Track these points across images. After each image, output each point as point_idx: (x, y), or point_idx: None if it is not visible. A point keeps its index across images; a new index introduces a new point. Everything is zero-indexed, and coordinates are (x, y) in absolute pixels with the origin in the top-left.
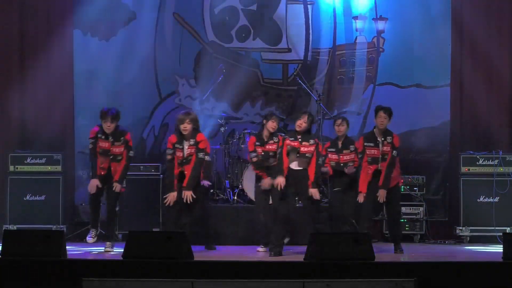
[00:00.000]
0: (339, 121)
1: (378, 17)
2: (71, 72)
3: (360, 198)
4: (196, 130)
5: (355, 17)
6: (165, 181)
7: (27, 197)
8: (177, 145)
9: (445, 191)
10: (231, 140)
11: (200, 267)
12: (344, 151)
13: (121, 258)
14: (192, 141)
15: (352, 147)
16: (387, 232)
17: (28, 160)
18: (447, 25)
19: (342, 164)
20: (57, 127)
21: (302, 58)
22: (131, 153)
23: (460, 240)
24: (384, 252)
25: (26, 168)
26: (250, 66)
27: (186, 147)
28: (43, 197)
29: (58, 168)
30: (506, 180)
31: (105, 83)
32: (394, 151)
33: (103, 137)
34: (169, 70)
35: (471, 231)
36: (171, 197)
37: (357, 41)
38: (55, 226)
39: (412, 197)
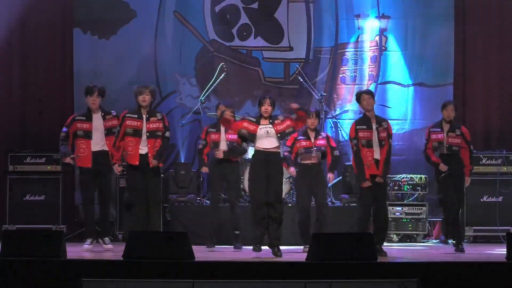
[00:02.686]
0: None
1: (380, 15)
2: (71, 70)
3: (366, 184)
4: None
5: (358, 16)
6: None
7: (27, 197)
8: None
9: None
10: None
11: (201, 267)
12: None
13: (121, 258)
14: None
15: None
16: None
17: (28, 160)
18: (450, 23)
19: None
20: (57, 126)
21: (304, 57)
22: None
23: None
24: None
25: (25, 168)
26: (251, 64)
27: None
28: (42, 197)
29: (58, 167)
30: (510, 179)
31: (105, 82)
32: (390, 139)
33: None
34: (170, 68)
35: (475, 230)
36: None
37: (359, 39)
38: (54, 226)
39: (415, 197)
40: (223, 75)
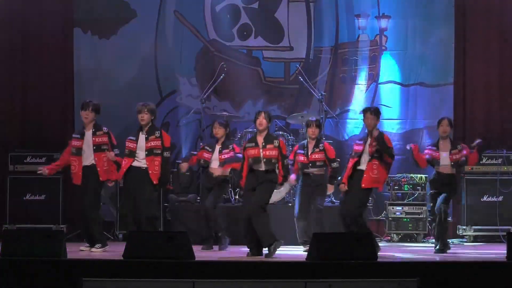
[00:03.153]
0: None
1: (380, 15)
2: (71, 70)
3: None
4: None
5: (358, 15)
6: None
7: (27, 197)
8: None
9: None
10: (233, 139)
11: (201, 267)
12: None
13: (122, 258)
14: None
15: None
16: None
17: (28, 160)
18: (450, 23)
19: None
20: (57, 126)
21: (304, 57)
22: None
23: (463, 239)
24: (386, 252)
25: (26, 168)
26: (251, 64)
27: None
28: (43, 197)
29: None
30: (510, 179)
31: (106, 82)
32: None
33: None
34: (170, 68)
35: (475, 230)
36: None
37: (359, 39)
38: (55, 226)
39: (415, 197)
40: (223, 75)
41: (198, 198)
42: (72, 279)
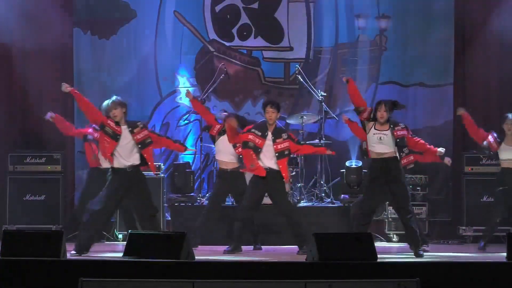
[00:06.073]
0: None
1: (380, 15)
2: (71, 70)
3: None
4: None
5: (358, 15)
6: None
7: (27, 197)
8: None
9: (448, 191)
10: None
11: (201, 267)
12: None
13: (121, 258)
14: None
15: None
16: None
17: (28, 160)
18: (450, 23)
19: None
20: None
21: (304, 57)
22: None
23: (463, 240)
24: (386, 252)
25: (25, 168)
26: (251, 64)
27: None
28: (42, 197)
29: (58, 167)
30: None
31: (105, 82)
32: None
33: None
34: (170, 68)
35: (475, 231)
36: None
37: (359, 39)
38: (54, 226)
39: (415, 197)
40: (223, 75)
41: (198, 198)
42: (72, 279)
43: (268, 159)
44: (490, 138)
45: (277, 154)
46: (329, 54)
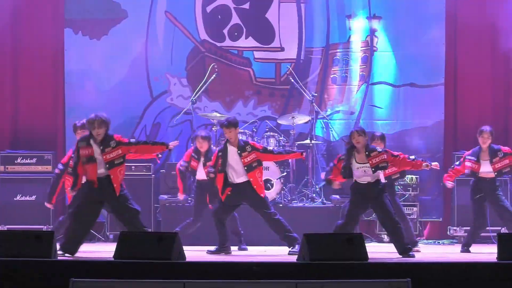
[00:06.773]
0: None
1: (371, 16)
2: (62, 71)
3: None
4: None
5: (349, 16)
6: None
7: (18, 197)
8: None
9: (439, 191)
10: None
11: (192, 268)
12: None
13: (112, 259)
14: None
15: None
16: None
17: (19, 160)
18: (441, 23)
19: None
20: (48, 127)
21: (295, 57)
22: None
23: (454, 240)
24: (377, 253)
25: (16, 168)
26: (242, 65)
27: None
28: (33, 198)
29: (49, 168)
30: (500, 180)
31: (96, 82)
32: None
33: None
34: (161, 69)
35: (465, 231)
36: None
37: (350, 40)
38: (45, 227)
39: (406, 197)
40: (214, 75)
41: (189, 199)
42: (62, 280)
43: (238, 175)
44: (468, 164)
45: (246, 168)
46: (320, 54)
